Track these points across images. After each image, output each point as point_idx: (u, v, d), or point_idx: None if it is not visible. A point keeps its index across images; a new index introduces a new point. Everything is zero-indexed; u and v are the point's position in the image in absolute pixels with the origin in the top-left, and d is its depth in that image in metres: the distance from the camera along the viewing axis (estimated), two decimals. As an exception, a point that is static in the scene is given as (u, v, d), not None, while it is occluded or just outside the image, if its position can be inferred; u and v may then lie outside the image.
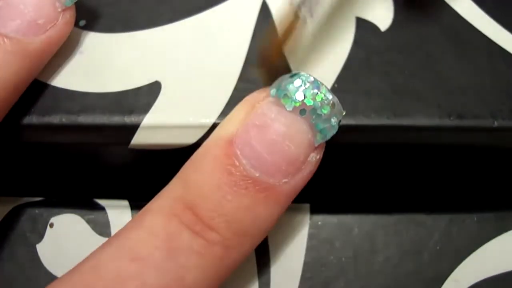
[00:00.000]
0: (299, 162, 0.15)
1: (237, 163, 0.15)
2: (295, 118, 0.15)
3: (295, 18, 0.17)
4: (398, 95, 0.18)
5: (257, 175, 0.15)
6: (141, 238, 0.14)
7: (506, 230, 0.19)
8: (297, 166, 0.15)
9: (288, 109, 0.15)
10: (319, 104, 0.15)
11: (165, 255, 0.14)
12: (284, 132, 0.15)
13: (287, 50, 0.18)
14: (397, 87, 0.18)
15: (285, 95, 0.15)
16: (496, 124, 0.17)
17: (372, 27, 0.19)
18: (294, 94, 0.15)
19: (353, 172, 0.21)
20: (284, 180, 0.15)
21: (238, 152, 0.15)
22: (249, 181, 0.15)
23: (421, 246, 0.18)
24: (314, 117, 0.15)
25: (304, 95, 0.15)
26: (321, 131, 0.15)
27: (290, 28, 0.17)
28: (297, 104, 0.15)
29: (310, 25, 0.18)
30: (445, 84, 0.18)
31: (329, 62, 0.18)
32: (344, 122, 0.17)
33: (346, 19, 0.19)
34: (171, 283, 0.14)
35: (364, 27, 0.19)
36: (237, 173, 0.15)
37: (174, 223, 0.14)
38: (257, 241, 0.16)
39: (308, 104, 0.15)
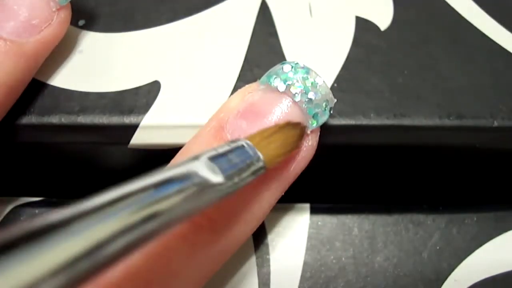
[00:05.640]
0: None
1: (228, 137, 0.15)
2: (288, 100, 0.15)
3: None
4: (398, 95, 0.18)
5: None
6: None
7: (506, 230, 0.19)
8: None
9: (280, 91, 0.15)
10: (310, 89, 0.15)
11: None
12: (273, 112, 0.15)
13: None
14: (397, 87, 0.18)
15: (275, 79, 0.15)
16: (496, 124, 0.17)
17: (372, 26, 0.19)
18: (284, 79, 0.15)
19: (353, 172, 0.21)
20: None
21: (229, 136, 0.15)
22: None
23: (421, 246, 0.18)
24: (305, 101, 0.15)
25: (294, 79, 0.15)
26: (313, 116, 0.15)
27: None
28: (288, 87, 0.15)
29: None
30: (445, 84, 0.18)
31: (328, 62, 0.18)
32: (344, 122, 0.17)
33: (345, 18, 0.19)
34: (157, 267, 0.14)
35: (363, 26, 0.19)
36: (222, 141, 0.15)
37: None
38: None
39: (298, 88, 0.15)
